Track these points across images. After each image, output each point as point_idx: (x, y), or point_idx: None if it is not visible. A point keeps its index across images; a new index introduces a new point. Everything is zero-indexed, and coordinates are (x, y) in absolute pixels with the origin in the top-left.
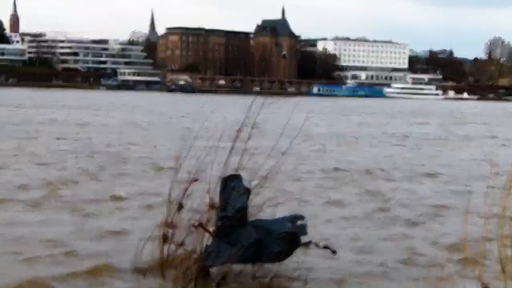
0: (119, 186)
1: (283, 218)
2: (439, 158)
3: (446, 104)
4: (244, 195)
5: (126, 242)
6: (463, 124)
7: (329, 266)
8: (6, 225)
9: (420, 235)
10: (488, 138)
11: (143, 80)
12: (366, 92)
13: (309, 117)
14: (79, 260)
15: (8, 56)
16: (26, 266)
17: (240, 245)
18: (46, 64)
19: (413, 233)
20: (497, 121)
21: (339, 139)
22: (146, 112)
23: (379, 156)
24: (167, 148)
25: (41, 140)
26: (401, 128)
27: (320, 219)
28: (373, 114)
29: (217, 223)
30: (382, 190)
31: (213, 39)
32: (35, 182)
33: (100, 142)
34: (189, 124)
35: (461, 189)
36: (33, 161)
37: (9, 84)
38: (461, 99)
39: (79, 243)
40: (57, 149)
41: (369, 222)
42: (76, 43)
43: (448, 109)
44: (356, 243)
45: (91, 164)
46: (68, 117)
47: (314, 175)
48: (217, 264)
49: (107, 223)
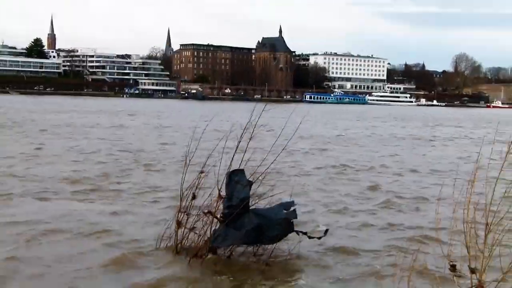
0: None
1: (278, 205)
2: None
3: (419, 110)
4: (246, 187)
5: (152, 226)
6: (443, 126)
7: (316, 243)
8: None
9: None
10: (466, 138)
11: (161, 89)
12: (350, 100)
13: (307, 120)
14: (114, 236)
15: (46, 69)
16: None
17: (243, 229)
18: (78, 75)
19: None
20: (471, 124)
21: (338, 140)
22: (172, 116)
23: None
24: (180, 146)
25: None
26: (389, 129)
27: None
28: (362, 118)
29: (224, 211)
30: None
31: (220, 54)
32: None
33: (139, 140)
34: (207, 126)
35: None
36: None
37: (47, 93)
38: (431, 105)
39: (119, 226)
40: (107, 147)
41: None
42: (104, 57)
43: (424, 114)
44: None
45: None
46: (108, 121)
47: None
48: (224, 245)
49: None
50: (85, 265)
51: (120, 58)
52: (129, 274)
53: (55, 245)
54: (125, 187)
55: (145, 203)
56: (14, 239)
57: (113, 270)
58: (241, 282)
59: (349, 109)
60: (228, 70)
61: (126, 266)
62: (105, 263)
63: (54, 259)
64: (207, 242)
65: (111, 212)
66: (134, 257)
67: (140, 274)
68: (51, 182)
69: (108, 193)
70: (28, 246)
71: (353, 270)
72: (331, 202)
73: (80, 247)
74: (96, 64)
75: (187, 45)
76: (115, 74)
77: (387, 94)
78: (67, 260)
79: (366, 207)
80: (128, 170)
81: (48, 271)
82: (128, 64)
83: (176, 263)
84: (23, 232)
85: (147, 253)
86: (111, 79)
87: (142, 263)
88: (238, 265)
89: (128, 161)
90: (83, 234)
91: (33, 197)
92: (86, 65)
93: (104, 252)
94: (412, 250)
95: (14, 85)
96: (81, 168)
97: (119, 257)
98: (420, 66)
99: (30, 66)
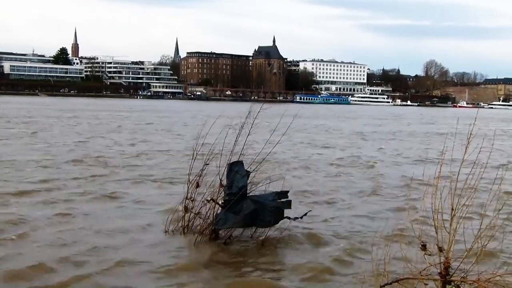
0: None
1: (273, 193)
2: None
3: (396, 109)
4: (245, 177)
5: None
6: (432, 124)
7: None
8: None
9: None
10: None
11: (170, 91)
12: (335, 100)
13: (304, 120)
14: (133, 219)
15: (70, 74)
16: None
17: (242, 214)
18: (98, 79)
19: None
20: (453, 121)
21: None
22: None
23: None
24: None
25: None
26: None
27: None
28: (347, 118)
29: (225, 198)
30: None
31: (221, 61)
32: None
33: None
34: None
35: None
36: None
37: (72, 95)
38: (406, 105)
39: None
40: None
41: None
42: (120, 64)
43: (422, 113)
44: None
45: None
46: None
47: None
48: (225, 227)
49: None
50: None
51: (135, 64)
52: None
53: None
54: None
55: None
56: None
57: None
58: (239, 260)
59: (336, 108)
60: (229, 74)
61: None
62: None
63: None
64: (210, 225)
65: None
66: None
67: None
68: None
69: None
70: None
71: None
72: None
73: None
74: (114, 70)
75: (193, 53)
76: (130, 78)
77: (367, 96)
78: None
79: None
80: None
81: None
82: (141, 70)
83: (182, 243)
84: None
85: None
86: (126, 82)
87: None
88: (237, 245)
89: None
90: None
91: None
92: (105, 70)
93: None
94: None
95: (42, 88)
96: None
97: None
98: (395, 71)
99: (56, 72)
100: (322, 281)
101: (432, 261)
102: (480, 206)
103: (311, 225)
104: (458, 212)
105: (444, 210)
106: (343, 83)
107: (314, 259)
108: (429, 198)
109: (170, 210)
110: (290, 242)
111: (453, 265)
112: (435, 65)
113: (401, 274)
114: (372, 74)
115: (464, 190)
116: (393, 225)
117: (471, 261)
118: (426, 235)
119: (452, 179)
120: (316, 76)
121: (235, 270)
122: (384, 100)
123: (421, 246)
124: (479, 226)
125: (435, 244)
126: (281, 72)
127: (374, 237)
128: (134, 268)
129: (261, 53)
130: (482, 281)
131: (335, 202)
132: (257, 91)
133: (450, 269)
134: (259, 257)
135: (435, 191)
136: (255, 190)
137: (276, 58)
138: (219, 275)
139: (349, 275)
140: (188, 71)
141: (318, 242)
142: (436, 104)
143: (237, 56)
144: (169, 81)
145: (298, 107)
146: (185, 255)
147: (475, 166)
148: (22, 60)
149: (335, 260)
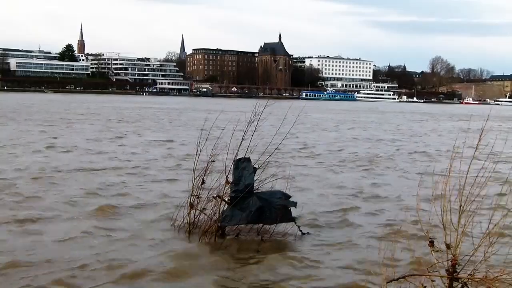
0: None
1: (279, 192)
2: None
3: (403, 105)
4: (252, 174)
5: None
6: (440, 121)
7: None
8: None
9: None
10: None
11: (176, 88)
12: (341, 97)
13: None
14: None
15: (76, 70)
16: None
17: (248, 211)
18: (104, 76)
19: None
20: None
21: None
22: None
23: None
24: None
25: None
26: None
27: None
28: (353, 111)
29: (231, 195)
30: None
31: (227, 57)
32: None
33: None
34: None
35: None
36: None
37: (78, 91)
38: (412, 102)
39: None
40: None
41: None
42: (126, 60)
43: (417, 108)
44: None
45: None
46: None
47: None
48: (231, 224)
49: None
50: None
51: (140, 61)
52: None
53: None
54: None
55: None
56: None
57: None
58: (245, 257)
59: (342, 105)
60: (234, 71)
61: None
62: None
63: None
64: (216, 222)
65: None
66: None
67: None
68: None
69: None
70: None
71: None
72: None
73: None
74: (120, 66)
75: (199, 50)
76: (136, 75)
77: (373, 92)
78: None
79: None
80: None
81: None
82: (147, 66)
83: (188, 240)
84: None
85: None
86: (132, 79)
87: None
88: (243, 242)
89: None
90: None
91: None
92: (111, 67)
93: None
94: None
95: (48, 85)
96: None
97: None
98: (401, 67)
99: (62, 68)
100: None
101: (439, 257)
102: (489, 202)
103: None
104: (467, 208)
105: (452, 206)
106: (349, 79)
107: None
108: (438, 194)
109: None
110: (296, 238)
111: (461, 262)
112: (441, 62)
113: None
114: (378, 71)
115: (473, 186)
116: (400, 220)
117: (479, 258)
118: (434, 230)
119: (461, 176)
120: (322, 73)
121: (241, 267)
122: (390, 97)
123: (429, 242)
124: (487, 223)
125: (443, 241)
126: (287, 68)
127: (381, 233)
128: (139, 265)
129: (267, 49)
130: (490, 279)
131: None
132: (263, 88)
133: (457, 266)
134: (265, 255)
135: (444, 187)
136: (262, 186)
137: (282, 55)
138: (225, 272)
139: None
140: (194, 67)
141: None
142: (442, 101)
143: (243, 53)
144: (175, 78)
145: (310, 103)
146: (190, 252)
147: (486, 161)
148: (28, 56)
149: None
